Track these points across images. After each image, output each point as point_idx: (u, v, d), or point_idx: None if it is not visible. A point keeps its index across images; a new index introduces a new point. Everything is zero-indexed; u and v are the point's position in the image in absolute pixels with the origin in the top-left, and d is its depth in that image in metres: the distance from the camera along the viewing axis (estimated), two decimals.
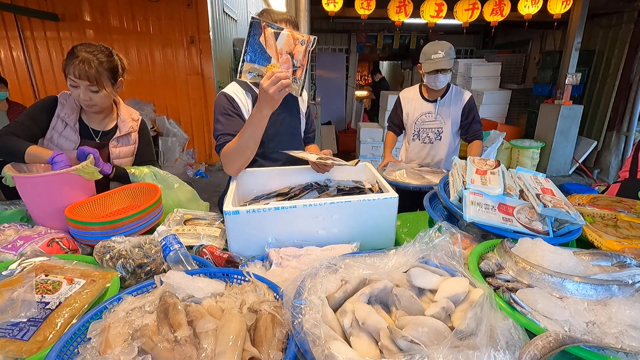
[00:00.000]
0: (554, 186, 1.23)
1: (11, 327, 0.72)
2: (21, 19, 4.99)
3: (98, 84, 1.40)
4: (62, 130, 1.50)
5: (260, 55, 1.09)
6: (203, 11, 5.26)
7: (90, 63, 1.36)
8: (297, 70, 1.12)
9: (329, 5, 4.29)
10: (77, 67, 1.35)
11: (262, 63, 1.10)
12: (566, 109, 5.05)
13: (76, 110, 1.53)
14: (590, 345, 0.66)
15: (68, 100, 1.52)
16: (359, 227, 1.14)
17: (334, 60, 7.96)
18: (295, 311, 0.68)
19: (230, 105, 1.43)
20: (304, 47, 1.10)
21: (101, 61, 1.40)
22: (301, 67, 1.12)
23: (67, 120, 1.50)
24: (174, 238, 1.00)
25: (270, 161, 1.55)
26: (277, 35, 1.07)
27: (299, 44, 1.09)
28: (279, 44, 1.08)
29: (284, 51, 1.09)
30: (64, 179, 1.22)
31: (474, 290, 0.78)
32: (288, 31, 1.07)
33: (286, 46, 1.09)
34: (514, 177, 1.30)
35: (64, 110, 1.50)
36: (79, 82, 1.38)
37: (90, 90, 1.41)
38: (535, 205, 1.11)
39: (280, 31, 1.07)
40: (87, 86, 1.39)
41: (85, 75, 1.36)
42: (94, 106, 1.48)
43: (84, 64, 1.35)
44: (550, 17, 4.50)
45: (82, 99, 1.43)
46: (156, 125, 5.51)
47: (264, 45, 1.07)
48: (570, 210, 1.08)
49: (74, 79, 1.37)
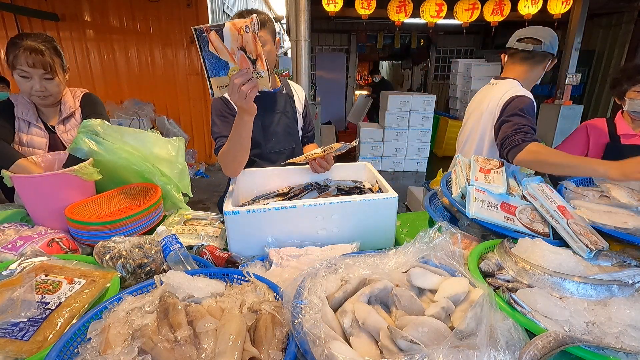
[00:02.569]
0: (558, 195, 1.21)
1: (11, 327, 0.72)
2: (21, 19, 4.99)
3: (52, 71, 1.38)
4: (27, 129, 1.47)
5: (218, 66, 0.99)
6: (203, 11, 5.26)
7: (42, 51, 1.34)
8: (256, 63, 0.99)
9: (329, 5, 4.30)
10: (29, 56, 1.32)
11: (224, 73, 1.00)
12: (566, 109, 5.05)
13: (32, 108, 1.48)
14: (590, 345, 0.66)
15: (19, 100, 1.47)
16: (359, 227, 1.14)
17: (334, 60, 7.97)
18: (295, 311, 0.68)
19: (226, 107, 1.44)
20: (250, 34, 0.95)
21: (50, 48, 1.38)
22: (258, 56, 0.99)
23: (27, 118, 1.46)
24: (174, 238, 1.00)
25: (268, 162, 1.55)
26: (220, 34, 0.95)
27: (245, 33, 0.95)
28: (227, 44, 0.96)
29: (235, 49, 0.97)
30: (62, 179, 1.22)
31: (474, 290, 0.78)
32: (229, 24, 0.95)
33: (234, 42, 0.96)
34: (529, 198, 1.20)
35: (19, 110, 1.46)
36: (32, 71, 1.34)
37: (45, 78, 1.38)
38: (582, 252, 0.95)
39: (221, 28, 0.94)
40: (41, 75, 1.37)
41: (40, 64, 1.34)
42: (48, 97, 1.43)
43: (37, 53, 1.33)
44: (550, 17, 4.51)
45: (35, 91, 1.39)
46: (156, 125, 5.51)
47: (216, 53, 0.97)
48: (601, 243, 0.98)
49: (27, 69, 1.34)
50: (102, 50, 5.30)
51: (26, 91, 1.40)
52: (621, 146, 1.69)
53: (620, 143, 1.69)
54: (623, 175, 1.08)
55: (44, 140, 1.48)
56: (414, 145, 5.80)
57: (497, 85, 1.67)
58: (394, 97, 5.73)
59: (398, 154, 5.88)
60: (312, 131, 1.77)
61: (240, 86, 0.99)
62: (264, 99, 1.46)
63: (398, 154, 5.88)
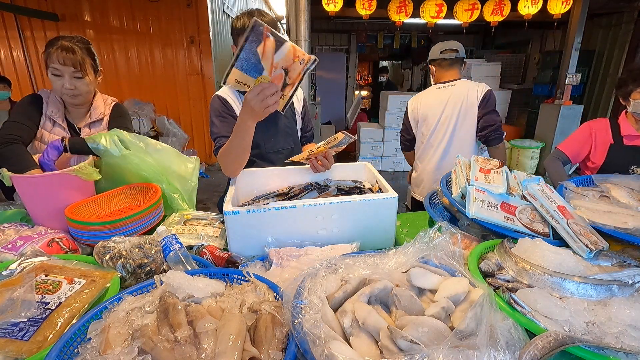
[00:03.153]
0: (558, 196, 1.21)
1: (11, 327, 0.71)
2: (21, 19, 4.99)
3: (82, 70, 1.43)
4: (51, 128, 1.51)
5: (252, 66, 0.97)
6: (203, 11, 5.27)
7: (74, 49, 1.40)
8: (286, 87, 1.03)
9: (329, 5, 4.30)
10: (60, 54, 1.38)
11: (253, 74, 0.99)
12: (566, 109, 5.05)
13: (61, 108, 1.54)
14: (590, 345, 0.66)
15: (51, 98, 1.52)
16: (359, 227, 1.14)
17: (334, 60, 7.96)
18: (295, 311, 0.68)
19: (224, 107, 1.45)
20: (302, 67, 0.99)
21: (82, 48, 1.43)
22: (291, 84, 1.03)
23: (54, 117, 1.51)
24: (174, 238, 1.00)
25: (267, 162, 1.56)
26: (278, 46, 0.94)
27: (298, 62, 0.98)
28: (277, 57, 0.96)
29: (279, 65, 0.98)
30: (61, 179, 1.22)
31: (474, 290, 0.78)
32: (290, 45, 0.95)
33: (284, 61, 0.97)
34: (529, 198, 1.20)
35: (49, 109, 1.51)
36: (63, 69, 1.40)
37: (75, 77, 1.43)
38: (582, 253, 0.96)
39: (282, 43, 0.94)
40: (71, 73, 1.42)
41: (70, 61, 1.39)
42: (78, 96, 1.48)
43: (68, 51, 1.38)
44: (550, 17, 4.51)
45: (66, 89, 1.43)
46: (156, 125, 5.51)
47: (260, 56, 0.95)
48: (601, 243, 0.99)
49: (59, 67, 1.39)
50: (102, 50, 5.30)
51: (58, 89, 1.46)
52: (624, 147, 1.69)
53: (623, 144, 1.69)
54: None
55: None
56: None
57: (456, 86, 2.04)
58: (394, 97, 5.73)
59: (398, 154, 5.87)
60: (310, 131, 1.77)
61: (270, 96, 1.01)
62: None
63: (398, 154, 5.87)
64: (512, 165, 5.54)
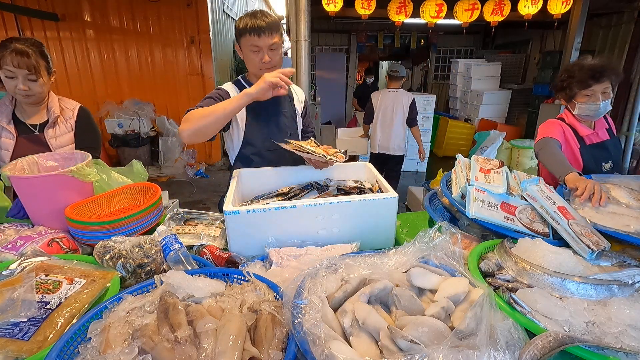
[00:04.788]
0: (558, 196, 1.21)
1: (11, 326, 0.72)
2: (21, 19, 4.98)
3: (36, 72, 1.45)
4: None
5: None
6: (203, 11, 5.27)
7: (28, 53, 1.42)
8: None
9: (329, 5, 4.29)
10: (15, 58, 1.40)
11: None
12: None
13: (9, 107, 1.55)
14: (590, 345, 0.66)
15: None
16: (359, 227, 1.14)
17: (334, 60, 7.94)
18: (295, 311, 0.68)
19: (218, 92, 1.46)
20: (326, 162, 1.33)
21: (36, 51, 1.45)
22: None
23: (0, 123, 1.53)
24: (174, 238, 1.00)
25: (266, 161, 1.55)
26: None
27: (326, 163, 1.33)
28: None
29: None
30: (60, 180, 1.21)
31: (474, 290, 0.78)
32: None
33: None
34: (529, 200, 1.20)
35: None
36: (17, 71, 1.42)
37: (29, 79, 1.45)
38: (584, 253, 0.96)
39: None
40: (25, 75, 1.43)
41: (25, 65, 1.41)
42: (31, 96, 1.50)
43: (22, 55, 1.40)
44: (550, 17, 4.50)
45: (19, 90, 1.45)
46: (156, 125, 5.51)
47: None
48: (602, 243, 0.99)
49: (13, 69, 1.41)
50: (102, 50, 5.30)
51: (10, 90, 1.48)
52: (589, 147, 1.66)
53: (587, 145, 1.66)
54: None
55: (12, 140, 1.54)
56: (414, 145, 5.79)
57: (399, 92, 3.75)
58: None
59: None
60: (311, 131, 1.77)
61: (282, 78, 1.19)
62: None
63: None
64: (512, 165, 5.53)
